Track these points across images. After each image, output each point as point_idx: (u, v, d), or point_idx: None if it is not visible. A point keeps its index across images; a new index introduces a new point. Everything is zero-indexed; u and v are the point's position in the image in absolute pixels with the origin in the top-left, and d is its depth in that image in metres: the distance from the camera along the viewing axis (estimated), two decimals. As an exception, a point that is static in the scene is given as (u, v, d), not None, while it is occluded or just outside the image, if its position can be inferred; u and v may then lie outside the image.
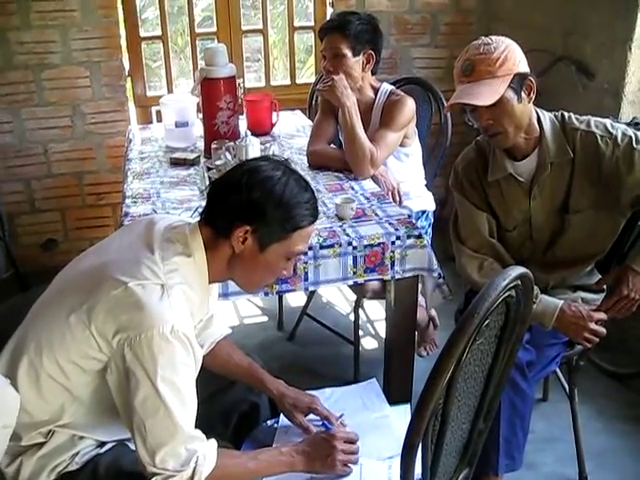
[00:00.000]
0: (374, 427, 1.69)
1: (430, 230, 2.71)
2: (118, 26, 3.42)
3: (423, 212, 2.69)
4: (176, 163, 2.65)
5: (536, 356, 1.90)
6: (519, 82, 1.79)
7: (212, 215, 1.48)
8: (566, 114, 1.93)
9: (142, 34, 3.55)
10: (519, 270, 1.21)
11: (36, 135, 3.48)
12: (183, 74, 5.30)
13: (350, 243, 1.96)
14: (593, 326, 1.84)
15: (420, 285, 2.11)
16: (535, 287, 1.84)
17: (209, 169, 2.51)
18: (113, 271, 1.38)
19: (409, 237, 2.00)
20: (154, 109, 2.96)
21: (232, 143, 2.43)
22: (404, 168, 2.62)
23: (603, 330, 1.86)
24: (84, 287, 1.39)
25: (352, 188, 2.35)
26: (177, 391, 1.31)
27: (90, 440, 1.48)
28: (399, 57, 3.77)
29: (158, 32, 3.58)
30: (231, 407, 1.79)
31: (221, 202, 1.46)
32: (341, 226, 2.05)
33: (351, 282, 2.02)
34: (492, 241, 2.01)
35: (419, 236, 2.01)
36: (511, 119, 1.82)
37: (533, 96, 1.83)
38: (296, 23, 3.80)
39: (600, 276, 2.07)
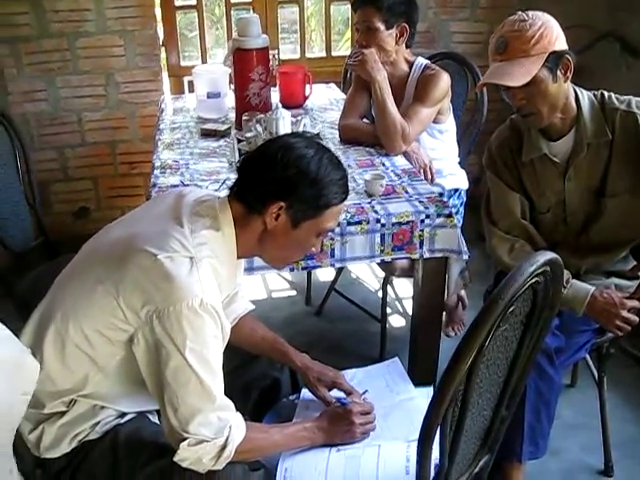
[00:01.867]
0: (400, 409, 1.68)
1: (462, 209, 2.66)
2: (153, -6, 3.39)
3: (456, 190, 2.63)
4: (207, 134, 2.63)
5: (565, 342, 1.86)
6: (555, 61, 1.72)
7: (244, 190, 1.47)
8: (606, 93, 1.86)
9: (177, 3, 3.51)
10: (548, 255, 1.16)
11: (70, 103, 3.50)
12: (219, 44, 5.28)
13: (378, 220, 1.93)
14: (625, 314, 1.79)
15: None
16: (566, 272, 1.83)
17: (239, 141, 2.49)
18: (142, 243, 1.37)
19: (439, 216, 1.96)
20: (186, 79, 2.95)
21: (263, 115, 2.40)
22: (438, 145, 2.56)
23: (636, 318, 1.81)
24: (113, 258, 1.40)
25: (383, 164, 2.31)
26: (206, 362, 1.33)
27: (111, 410, 1.49)
28: (437, 31, 3.68)
29: (193, 1, 3.54)
30: (252, 382, 1.79)
31: (254, 178, 1.45)
32: (370, 203, 2.01)
33: (378, 260, 1.99)
34: (524, 223, 1.95)
35: (449, 215, 1.96)
36: (545, 99, 1.75)
37: (570, 75, 1.76)
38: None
39: (635, 262, 2.00)
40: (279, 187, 1.41)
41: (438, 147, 2.56)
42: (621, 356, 2.56)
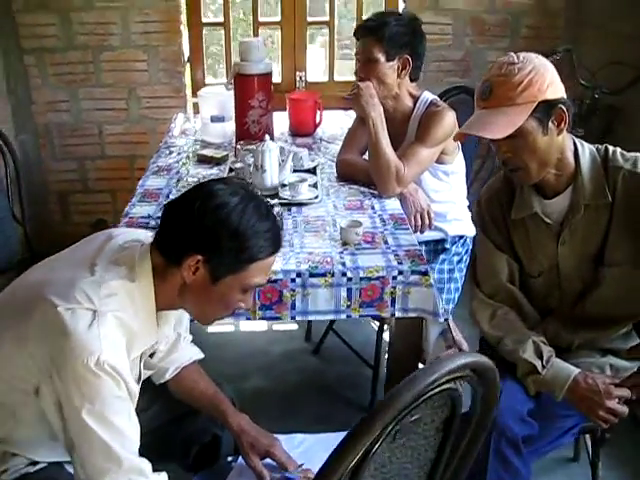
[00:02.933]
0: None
1: (467, 257, 2.46)
2: (179, 10, 3.34)
3: (461, 237, 2.44)
4: (202, 160, 2.54)
5: (542, 429, 1.64)
6: (545, 111, 1.52)
7: (163, 240, 1.36)
8: (611, 149, 1.64)
9: (204, 20, 3.45)
10: (470, 358, 0.98)
11: (92, 115, 3.49)
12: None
13: (344, 274, 1.77)
14: (611, 404, 1.56)
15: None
16: (548, 350, 1.63)
17: (231, 170, 2.38)
18: (48, 291, 1.29)
19: (413, 273, 1.78)
20: (191, 101, 2.85)
21: (252, 146, 2.27)
22: (442, 187, 2.37)
23: (624, 409, 1.58)
24: (22, 305, 1.32)
25: (372, 207, 2.15)
26: (109, 424, 1.24)
27: (22, 458, 1.41)
28: (472, 60, 3.47)
29: (220, 19, 3.47)
30: (193, 435, 1.70)
31: (172, 228, 1.34)
32: (341, 252, 1.85)
33: (344, 316, 1.83)
34: (510, 287, 1.75)
35: (425, 273, 1.78)
36: (534, 154, 1.55)
37: (565, 127, 1.56)
38: (365, 16, 3.56)
39: (637, 341, 1.77)
40: (196, 239, 1.30)
41: (442, 189, 2.37)
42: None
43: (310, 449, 1.63)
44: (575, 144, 1.63)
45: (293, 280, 1.76)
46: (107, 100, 3.46)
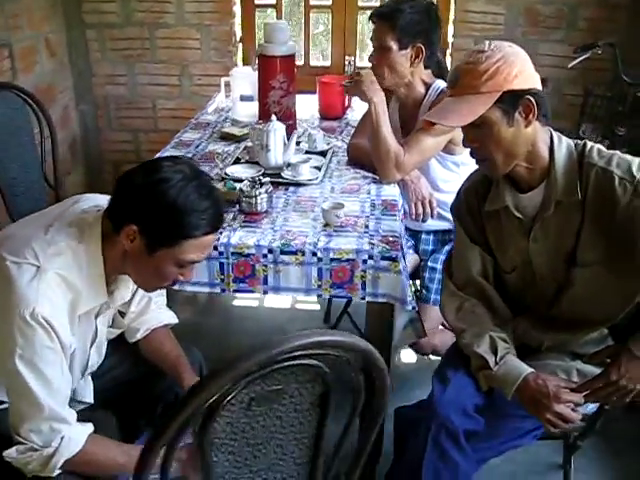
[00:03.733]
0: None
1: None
2: (231, -9, 3.43)
3: (469, 229, 2.39)
4: (224, 137, 2.61)
5: (493, 427, 1.61)
6: (511, 101, 1.47)
7: (111, 208, 1.44)
8: (589, 144, 1.57)
9: (257, 1, 3.52)
10: (328, 337, 1.00)
11: (146, 90, 3.65)
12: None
13: (315, 253, 1.80)
14: (559, 408, 1.51)
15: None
16: (504, 346, 1.60)
17: (245, 148, 2.44)
18: (4, 246, 1.40)
19: (383, 258, 1.78)
20: (223, 79, 2.93)
21: (259, 126, 2.33)
22: (452, 177, 2.33)
23: (573, 415, 1.52)
24: None
25: (368, 192, 2.15)
26: (38, 372, 1.33)
27: None
28: (526, 52, 3.34)
29: (273, 0, 3.53)
30: (159, 394, 1.78)
31: (117, 197, 1.42)
32: (318, 232, 1.87)
33: (315, 295, 1.85)
34: (480, 281, 1.71)
35: (394, 259, 1.78)
36: (498, 145, 1.51)
37: (534, 118, 1.49)
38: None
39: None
40: (134, 209, 1.36)
41: (452, 179, 2.33)
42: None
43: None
44: (552, 138, 1.57)
45: (265, 255, 1.81)
46: (161, 76, 3.61)
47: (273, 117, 2.27)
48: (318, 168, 2.28)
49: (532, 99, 1.47)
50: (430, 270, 2.31)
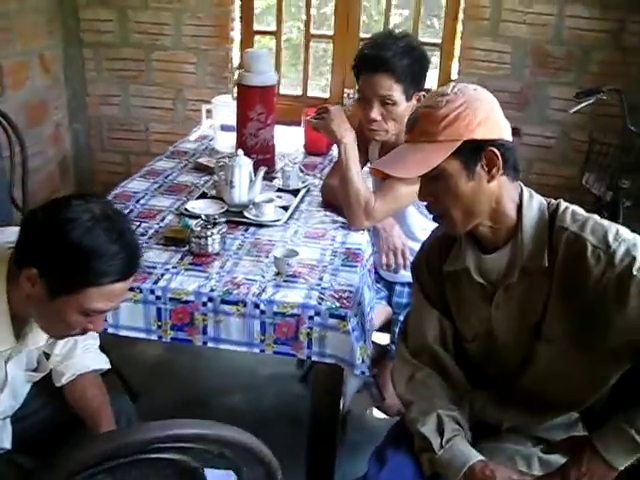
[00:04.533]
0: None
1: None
2: (230, 17, 3.34)
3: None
4: (198, 168, 2.49)
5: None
6: (471, 153, 1.30)
7: (16, 248, 1.31)
8: (564, 205, 1.38)
9: (256, 27, 3.43)
10: (183, 430, 0.84)
11: (140, 112, 3.58)
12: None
13: (257, 305, 1.65)
14: None
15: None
16: (453, 428, 1.42)
17: (213, 183, 2.32)
18: None
19: (332, 316, 1.62)
20: (204, 107, 2.82)
21: (225, 160, 2.20)
22: (431, 226, 2.15)
23: None
24: None
25: (333, 238, 1.99)
26: None
27: None
28: (532, 94, 3.20)
29: (272, 27, 3.43)
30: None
31: (20, 236, 1.30)
32: (267, 282, 1.73)
33: (258, 350, 1.70)
34: (435, 349, 1.54)
35: (343, 318, 1.62)
36: (456, 200, 1.34)
37: (497, 173, 1.32)
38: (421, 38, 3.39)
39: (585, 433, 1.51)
40: (34, 250, 1.25)
41: (430, 228, 2.14)
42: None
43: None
44: (522, 194, 1.40)
45: (204, 304, 1.67)
46: (155, 99, 3.54)
47: (240, 152, 2.14)
48: (286, 208, 2.14)
49: (496, 151, 1.30)
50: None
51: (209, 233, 1.82)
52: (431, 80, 3.92)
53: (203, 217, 1.89)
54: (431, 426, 1.42)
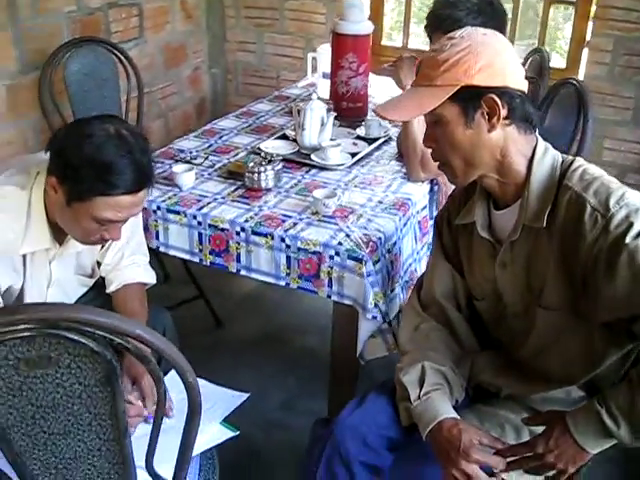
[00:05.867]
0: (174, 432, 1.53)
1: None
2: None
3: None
4: (291, 112, 2.57)
5: (407, 468, 1.42)
6: (470, 99, 1.25)
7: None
8: (577, 163, 1.29)
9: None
10: (93, 315, 0.96)
11: (272, 60, 3.72)
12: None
13: (283, 239, 1.72)
14: (467, 467, 1.27)
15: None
16: (434, 381, 1.41)
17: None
18: None
19: (349, 258, 1.66)
20: (310, 55, 2.87)
21: (302, 104, 2.26)
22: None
23: (480, 476, 1.29)
24: None
25: (388, 187, 2.00)
26: None
27: None
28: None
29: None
30: None
31: (48, 150, 1.46)
32: (300, 219, 1.79)
33: (283, 283, 1.78)
34: (442, 304, 1.51)
35: (359, 261, 1.64)
36: (454, 148, 1.29)
37: (498, 122, 1.25)
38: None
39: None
40: (54, 161, 1.41)
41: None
42: None
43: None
44: (535, 149, 1.32)
45: (238, 233, 1.77)
46: (287, 47, 3.65)
47: (314, 96, 2.19)
48: (353, 154, 2.17)
49: (496, 98, 1.24)
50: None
51: (262, 169, 1.91)
52: (564, 41, 3.66)
53: (262, 155, 1.99)
54: (413, 376, 1.41)
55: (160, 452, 1.20)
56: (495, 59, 1.25)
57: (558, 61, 3.15)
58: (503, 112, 1.25)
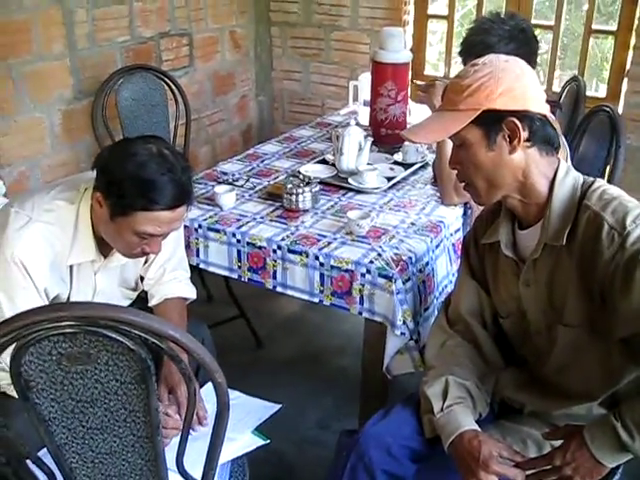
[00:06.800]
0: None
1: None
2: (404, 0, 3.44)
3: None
4: (331, 138, 2.66)
5: (426, 477, 1.46)
6: (492, 122, 1.31)
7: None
8: (597, 184, 1.33)
9: (430, 11, 3.49)
10: (136, 317, 1.04)
11: (318, 88, 3.84)
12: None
13: (317, 257, 1.79)
14: (485, 477, 1.30)
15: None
16: (458, 395, 1.46)
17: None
18: (23, 195, 1.66)
19: (380, 275, 1.71)
20: (351, 83, 2.96)
21: (341, 129, 2.34)
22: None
23: None
24: None
25: (422, 210, 2.05)
26: (12, 301, 1.53)
27: None
28: None
29: (445, 11, 3.46)
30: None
31: (94, 167, 1.56)
32: (334, 239, 1.86)
33: (317, 300, 1.84)
34: (468, 321, 1.55)
35: (390, 279, 1.70)
36: (477, 169, 1.35)
37: (519, 145, 1.30)
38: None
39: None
40: (100, 177, 1.51)
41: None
42: None
43: (232, 406, 1.72)
44: (557, 171, 1.37)
45: (275, 251, 1.85)
46: (332, 76, 3.76)
47: (352, 122, 2.27)
48: (389, 179, 2.23)
49: (517, 122, 1.30)
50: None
51: (300, 191, 1.99)
52: (604, 72, 3.66)
53: (300, 177, 2.07)
54: (437, 389, 1.45)
55: (194, 457, 1.27)
56: (515, 84, 1.31)
57: (603, 91, 3.17)
58: (524, 135, 1.31)
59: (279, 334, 2.96)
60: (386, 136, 2.55)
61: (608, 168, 2.02)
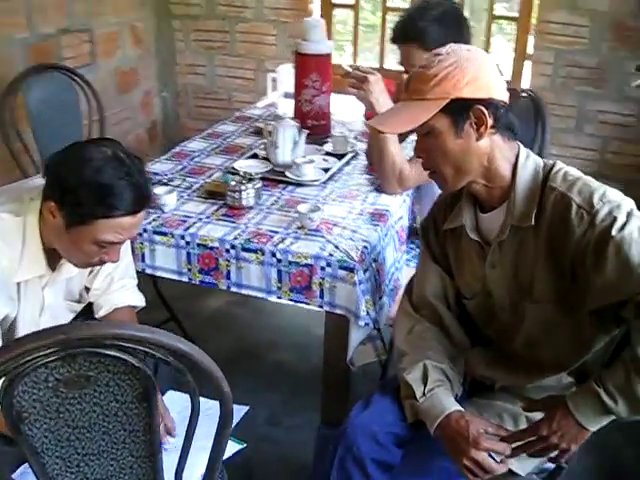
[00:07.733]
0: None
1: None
2: (309, -11, 3.45)
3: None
4: (257, 132, 2.63)
5: (414, 462, 1.48)
6: (459, 110, 1.34)
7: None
8: (558, 166, 1.40)
9: (334, 0, 3.51)
10: (139, 332, 0.98)
11: (224, 82, 3.78)
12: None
13: (274, 254, 1.76)
14: (477, 455, 1.35)
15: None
16: (437, 378, 1.47)
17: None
18: None
19: (341, 268, 1.72)
20: (269, 76, 2.95)
21: (273, 123, 2.32)
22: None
23: (494, 466, 1.35)
24: None
25: (365, 199, 2.07)
26: None
27: None
28: (609, 69, 3.09)
29: (351, 0, 3.50)
30: None
31: (44, 175, 1.47)
32: (287, 234, 1.84)
33: (274, 297, 1.82)
34: (434, 304, 1.59)
35: (351, 270, 1.71)
36: (445, 157, 1.39)
37: (486, 131, 1.36)
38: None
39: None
40: (51, 186, 1.42)
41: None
42: None
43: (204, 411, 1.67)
44: (518, 155, 1.43)
45: (227, 250, 1.81)
46: (238, 69, 3.71)
47: (285, 115, 2.25)
48: (328, 170, 2.24)
49: (484, 109, 1.34)
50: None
51: (243, 187, 1.95)
52: (507, 54, 3.86)
53: (241, 173, 2.03)
54: (416, 375, 1.48)
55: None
56: (480, 73, 1.36)
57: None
58: (490, 122, 1.35)
59: (210, 334, 2.90)
60: (312, 127, 2.54)
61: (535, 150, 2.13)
